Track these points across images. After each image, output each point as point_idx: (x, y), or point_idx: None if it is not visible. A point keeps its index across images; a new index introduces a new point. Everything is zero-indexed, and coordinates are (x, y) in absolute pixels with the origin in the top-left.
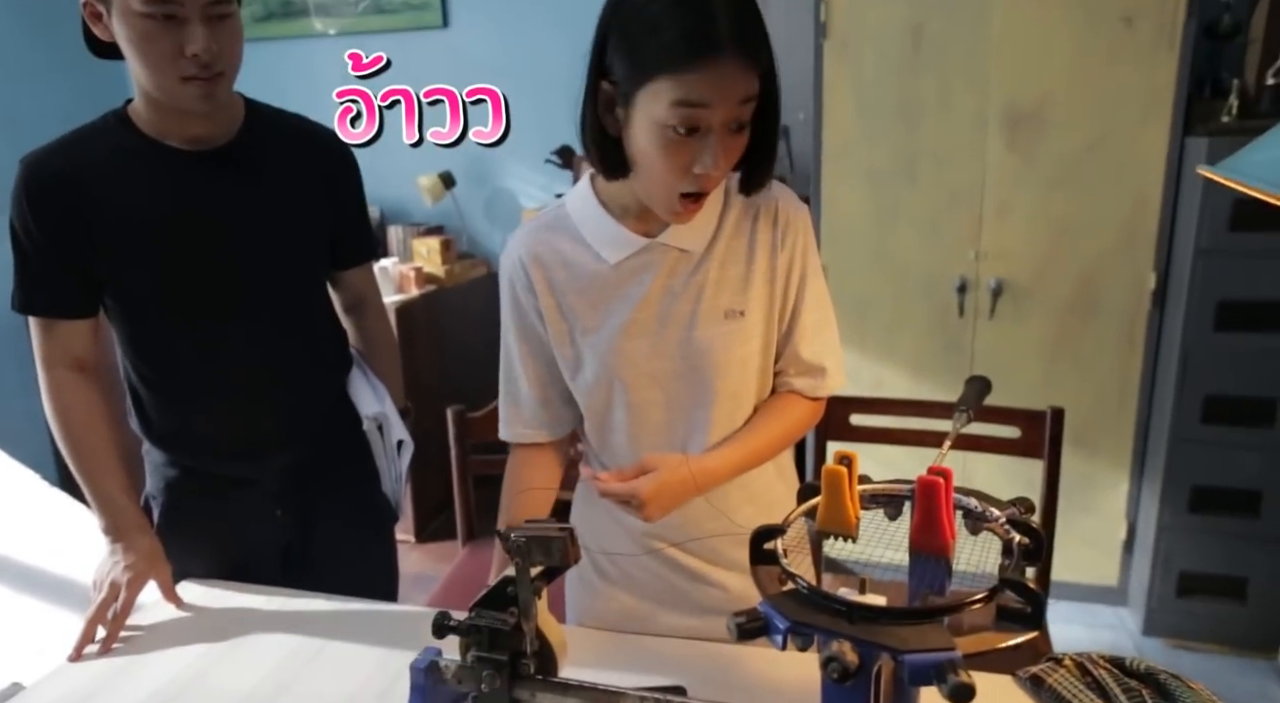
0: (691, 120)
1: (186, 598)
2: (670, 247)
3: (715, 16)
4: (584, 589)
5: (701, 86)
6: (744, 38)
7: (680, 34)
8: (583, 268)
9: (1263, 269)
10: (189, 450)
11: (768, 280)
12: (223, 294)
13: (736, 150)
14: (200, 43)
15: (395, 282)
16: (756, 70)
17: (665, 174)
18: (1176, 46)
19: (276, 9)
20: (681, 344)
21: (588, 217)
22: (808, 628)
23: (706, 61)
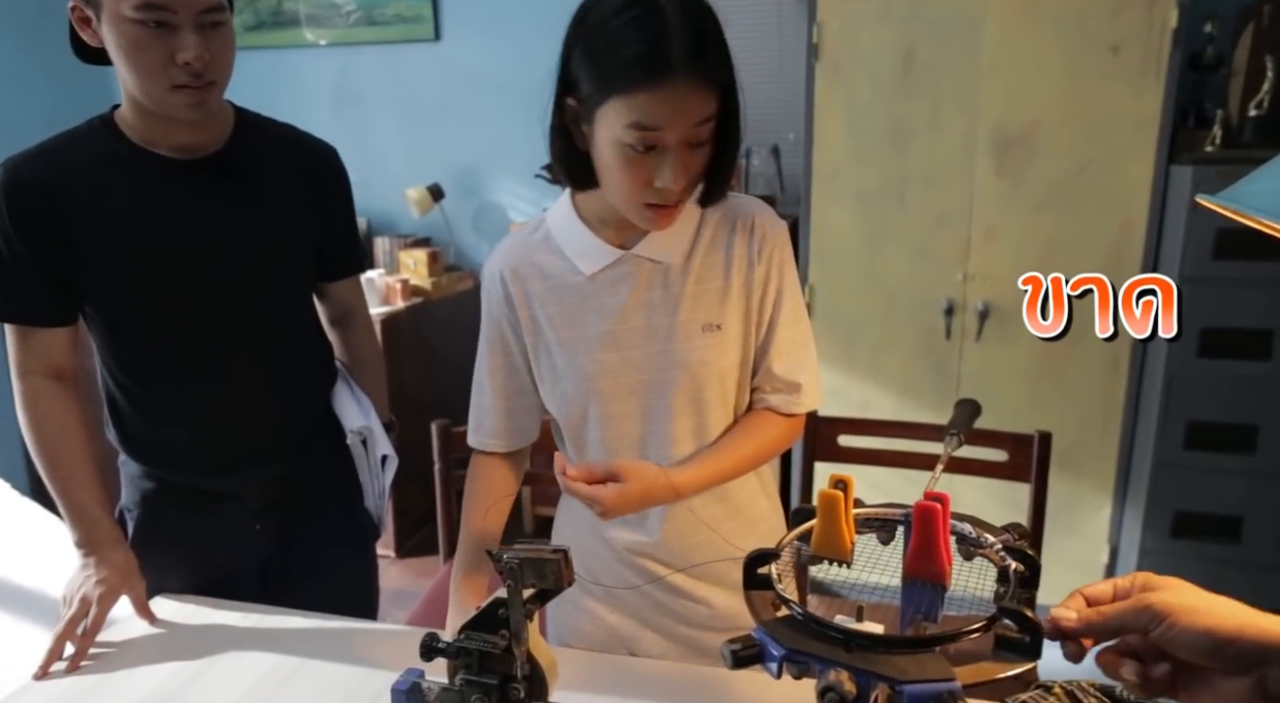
0: (647, 141)
1: (160, 614)
2: (645, 258)
3: (669, 38)
4: (565, 606)
5: (655, 109)
6: (698, 58)
7: (633, 57)
8: (560, 280)
9: (1245, 297)
10: (167, 463)
11: (744, 294)
12: (207, 305)
13: (697, 165)
14: (193, 51)
15: (381, 293)
16: (713, 89)
17: (627, 188)
18: (1162, 76)
19: (268, 18)
20: (659, 357)
21: (565, 229)
22: (804, 656)
23: (659, 84)
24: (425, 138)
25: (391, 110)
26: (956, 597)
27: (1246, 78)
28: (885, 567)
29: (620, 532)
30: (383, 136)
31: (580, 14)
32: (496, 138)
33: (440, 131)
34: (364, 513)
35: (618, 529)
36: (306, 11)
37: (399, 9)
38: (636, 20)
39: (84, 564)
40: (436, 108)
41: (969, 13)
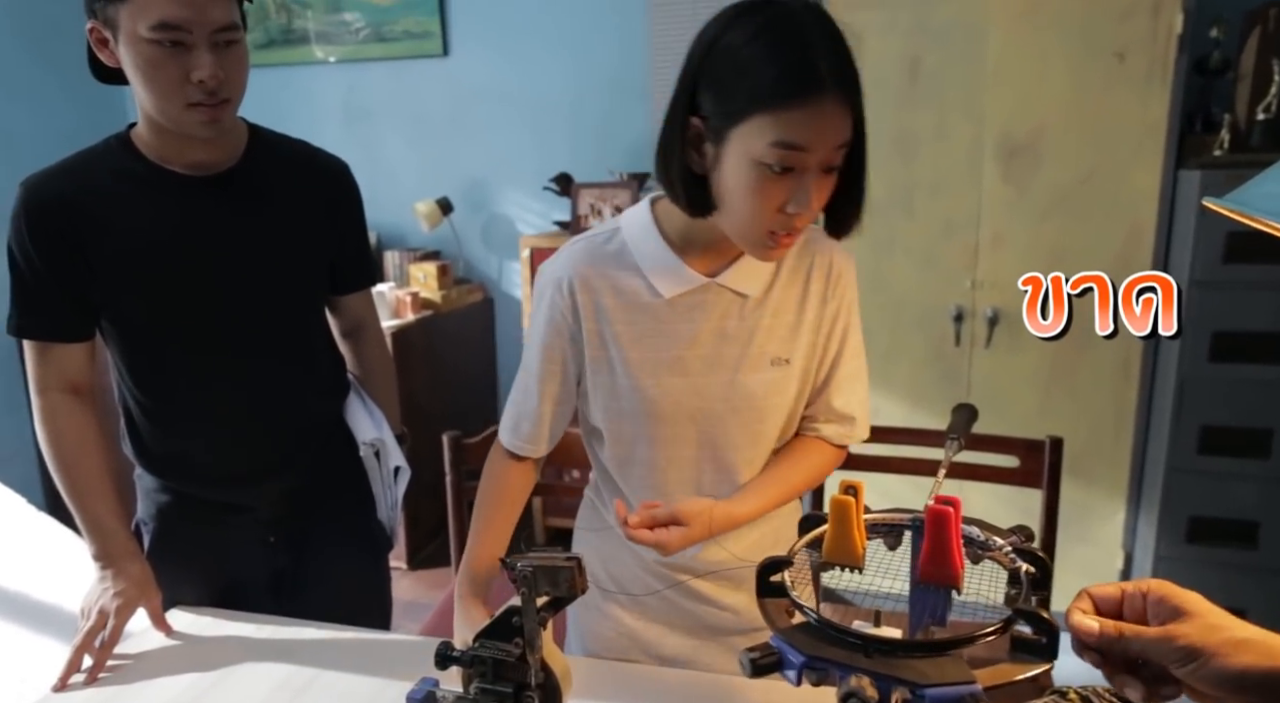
0: (788, 160)
1: (176, 626)
2: (727, 288)
3: (818, 56)
4: (588, 613)
5: (802, 126)
6: (844, 78)
7: (783, 71)
8: (633, 298)
9: (1257, 301)
10: (183, 476)
11: (814, 330)
12: (221, 319)
13: (827, 191)
14: (207, 69)
15: (391, 307)
16: (851, 113)
17: (756, 213)
18: (1168, 82)
19: (278, 36)
20: (725, 386)
21: (647, 247)
22: (824, 663)
23: (809, 101)
24: (434, 152)
25: (401, 125)
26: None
27: (1254, 82)
28: (894, 572)
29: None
30: (392, 151)
31: (713, 33)
32: (505, 151)
33: (449, 146)
34: (377, 524)
35: None
36: (316, 29)
37: (407, 25)
38: (785, 38)
39: (101, 577)
40: (445, 122)
41: (974, 21)
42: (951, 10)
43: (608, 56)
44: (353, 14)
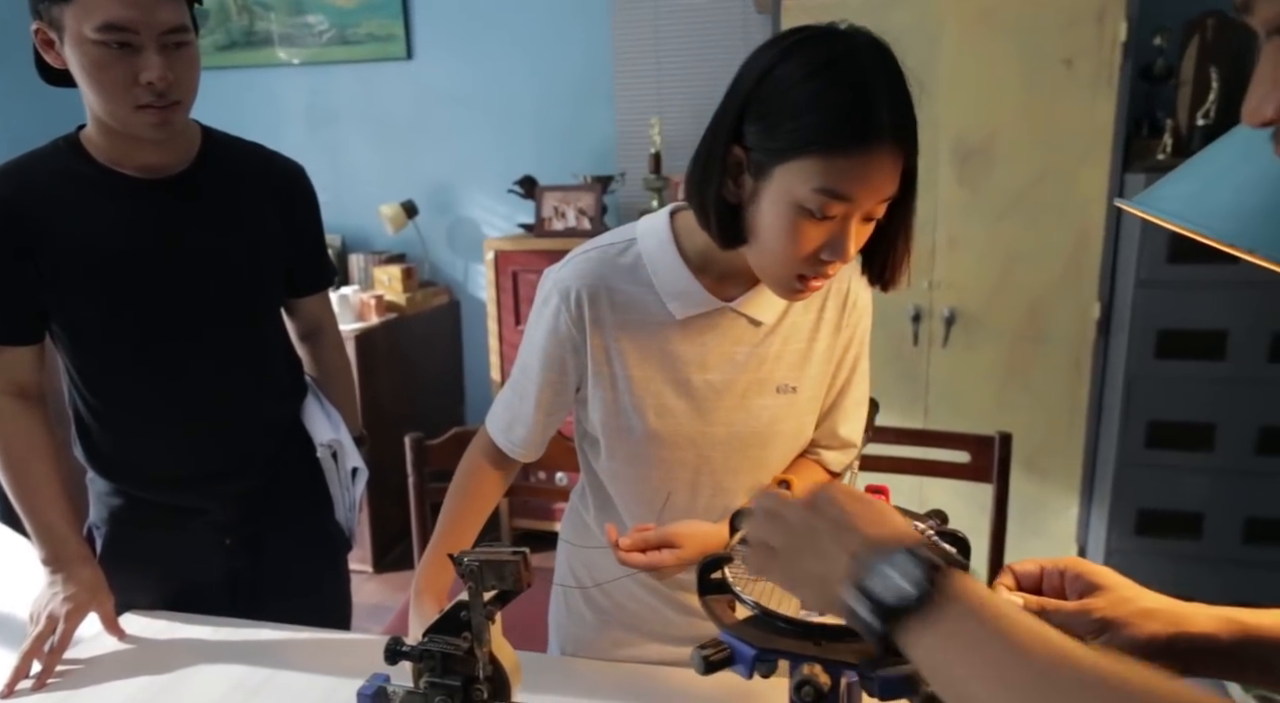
0: (831, 209)
1: (129, 630)
2: (741, 314)
3: (878, 104)
4: (571, 619)
5: (850, 176)
6: (902, 131)
7: (839, 116)
8: (644, 314)
9: (1199, 300)
10: (136, 480)
11: (825, 360)
12: (174, 323)
13: (864, 239)
14: (156, 71)
15: (356, 309)
16: (902, 166)
17: (789, 255)
18: (1114, 87)
19: (240, 38)
20: (730, 412)
21: (663, 264)
22: (775, 654)
23: (863, 149)
24: (398, 155)
25: (365, 128)
26: None
27: (1194, 88)
28: None
29: None
30: (356, 154)
31: (769, 60)
32: (469, 154)
33: (413, 149)
34: (335, 526)
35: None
36: (279, 31)
37: (371, 28)
38: (845, 80)
39: (51, 581)
40: (409, 126)
41: (927, 29)
42: (905, 17)
43: (571, 60)
44: (316, 16)
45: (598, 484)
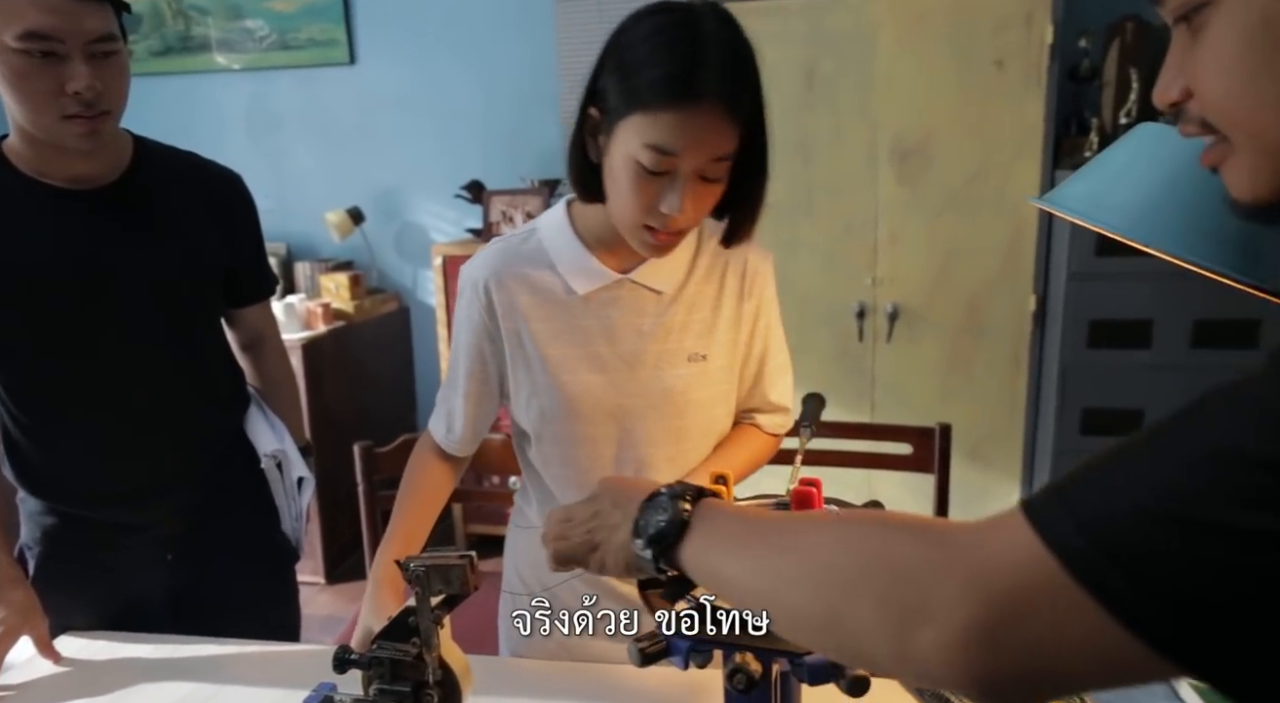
0: (660, 163)
1: (65, 652)
2: (640, 285)
3: (703, 64)
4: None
5: (674, 132)
6: (728, 91)
7: (664, 75)
8: (549, 296)
9: (1126, 291)
10: (70, 497)
11: (733, 327)
12: (106, 336)
13: (708, 199)
14: (83, 80)
15: (302, 318)
16: (737, 126)
17: (631, 207)
18: (1043, 88)
19: (175, 43)
20: (643, 383)
21: (561, 245)
22: (709, 644)
23: (684, 108)
24: (344, 161)
25: (308, 135)
26: None
27: (1116, 89)
28: None
29: None
30: (300, 161)
31: (623, 26)
32: (416, 160)
33: (359, 155)
34: (281, 537)
35: None
36: (217, 37)
37: (312, 33)
38: (676, 40)
39: None
40: (354, 131)
41: (864, 31)
42: (842, 20)
43: (516, 64)
44: (255, 21)
45: (535, 478)
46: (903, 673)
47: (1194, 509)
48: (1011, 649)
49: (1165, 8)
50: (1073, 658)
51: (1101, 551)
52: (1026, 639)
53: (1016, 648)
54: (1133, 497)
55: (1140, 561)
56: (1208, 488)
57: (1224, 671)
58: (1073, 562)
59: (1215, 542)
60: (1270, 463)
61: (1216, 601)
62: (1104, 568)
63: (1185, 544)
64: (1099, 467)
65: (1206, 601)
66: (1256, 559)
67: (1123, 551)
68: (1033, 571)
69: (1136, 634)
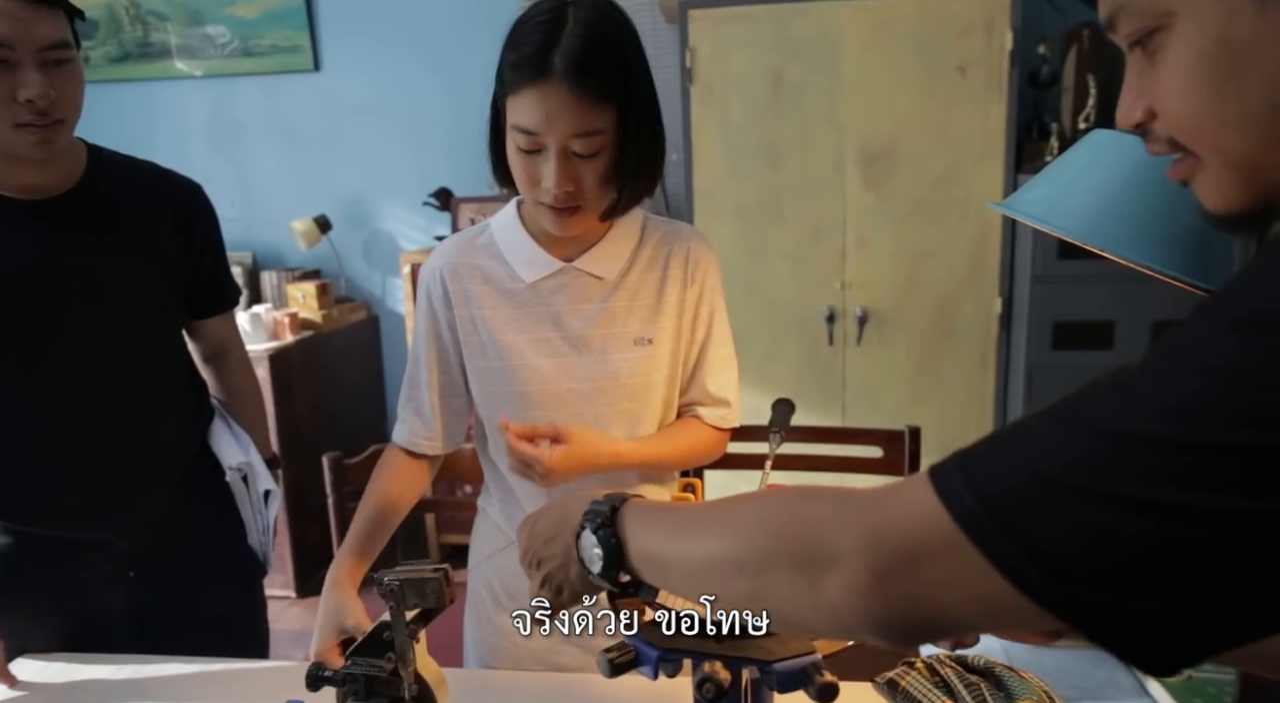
0: (528, 143)
1: (22, 675)
2: (583, 272)
3: (556, 45)
4: (482, 627)
5: (531, 112)
6: (581, 68)
7: (520, 59)
8: (499, 284)
9: (1088, 293)
10: (27, 516)
11: (676, 313)
12: (62, 349)
13: (589, 173)
14: (36, 88)
15: (269, 328)
16: (599, 103)
17: (522, 186)
18: (1005, 93)
19: (133, 49)
20: (592, 366)
21: (509, 236)
22: (678, 653)
23: (535, 88)
24: (309, 169)
25: (273, 142)
26: None
27: (1075, 94)
28: None
29: None
30: (265, 169)
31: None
32: (382, 166)
33: (324, 162)
34: (248, 551)
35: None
36: (177, 43)
37: (275, 39)
38: (539, 27)
39: None
40: (319, 138)
41: (829, 38)
42: (808, 27)
43: (483, 69)
44: (216, 27)
45: (496, 476)
46: (820, 625)
47: (1079, 477)
48: (907, 594)
49: (1118, 34)
50: (961, 604)
51: (989, 508)
52: (920, 584)
53: (911, 593)
54: (1024, 463)
55: (1023, 520)
56: (1092, 459)
57: (1093, 623)
58: (964, 518)
59: (1096, 506)
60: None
61: (1091, 559)
62: (990, 524)
63: (1066, 507)
64: (998, 437)
65: (1082, 559)
66: (1132, 524)
67: (1008, 509)
68: (929, 524)
69: (1016, 585)
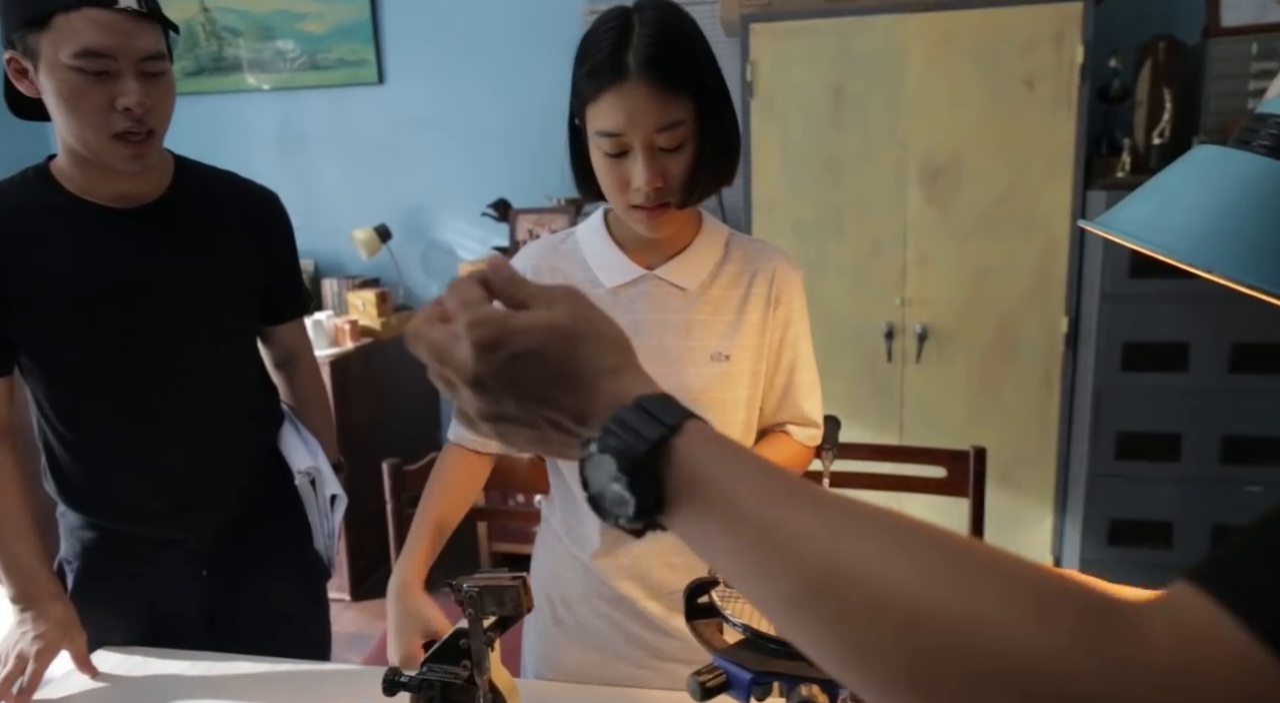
0: (614, 145)
1: (102, 667)
2: (665, 281)
3: (628, 45)
4: (541, 639)
5: (612, 114)
6: (655, 63)
7: (595, 65)
8: (581, 289)
9: (1160, 313)
10: (109, 512)
11: (759, 332)
12: (147, 353)
13: (676, 167)
14: (134, 97)
15: (330, 335)
16: (677, 96)
17: (610, 190)
18: (1074, 108)
19: (208, 63)
20: (666, 378)
21: (594, 242)
22: (771, 676)
23: (613, 89)
24: (371, 180)
25: (337, 153)
26: None
27: (1149, 109)
28: None
29: (601, 560)
30: (329, 179)
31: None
32: (442, 178)
33: (386, 173)
34: (313, 554)
35: (600, 557)
36: (248, 57)
37: (342, 53)
38: (607, 34)
39: (20, 620)
40: (382, 150)
41: (892, 51)
42: (871, 41)
43: (543, 82)
44: (286, 42)
45: (561, 483)
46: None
47: None
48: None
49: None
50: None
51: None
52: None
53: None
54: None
55: None
56: None
57: None
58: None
59: None
60: None
61: None
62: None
63: None
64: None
65: None
66: None
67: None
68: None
69: None
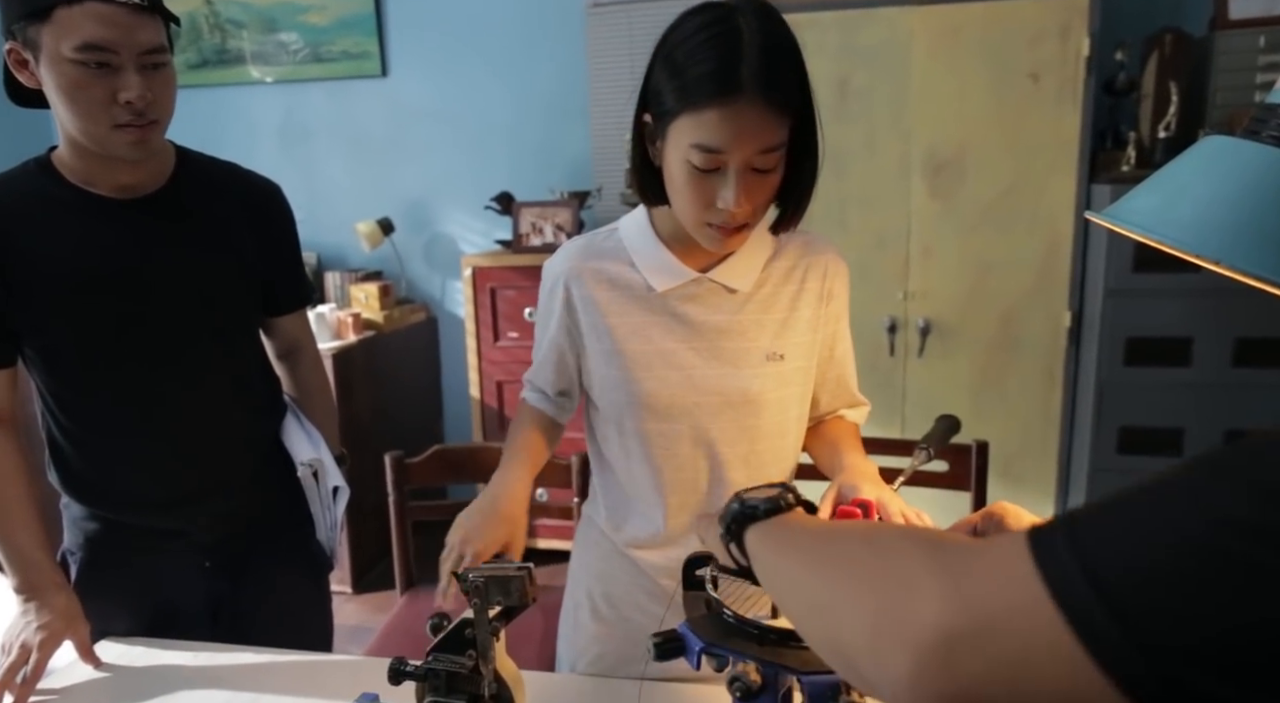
0: (709, 161)
1: (105, 658)
2: (717, 283)
3: (741, 59)
4: (578, 632)
5: (718, 129)
6: (769, 83)
7: (703, 74)
8: (629, 292)
9: (1164, 307)
10: (112, 503)
11: (811, 328)
12: (149, 344)
13: (764, 190)
14: (135, 90)
15: (333, 327)
16: (783, 117)
17: (690, 206)
18: (1079, 101)
19: (211, 56)
20: (720, 380)
21: (641, 243)
22: (719, 649)
23: (725, 104)
24: (374, 173)
25: (340, 146)
26: None
27: (1155, 102)
28: None
29: (643, 552)
30: (331, 172)
31: (667, 30)
32: (445, 171)
33: (389, 166)
34: (316, 546)
35: (643, 550)
36: (252, 49)
37: (346, 46)
38: (714, 39)
39: (24, 610)
40: (385, 143)
41: (898, 44)
42: (877, 33)
43: (546, 76)
44: (289, 34)
45: (607, 483)
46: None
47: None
48: (974, 664)
49: None
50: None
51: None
52: (992, 657)
53: (980, 664)
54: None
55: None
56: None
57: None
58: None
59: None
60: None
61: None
62: (1095, 609)
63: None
64: (1105, 510)
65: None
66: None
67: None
68: (1018, 591)
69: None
